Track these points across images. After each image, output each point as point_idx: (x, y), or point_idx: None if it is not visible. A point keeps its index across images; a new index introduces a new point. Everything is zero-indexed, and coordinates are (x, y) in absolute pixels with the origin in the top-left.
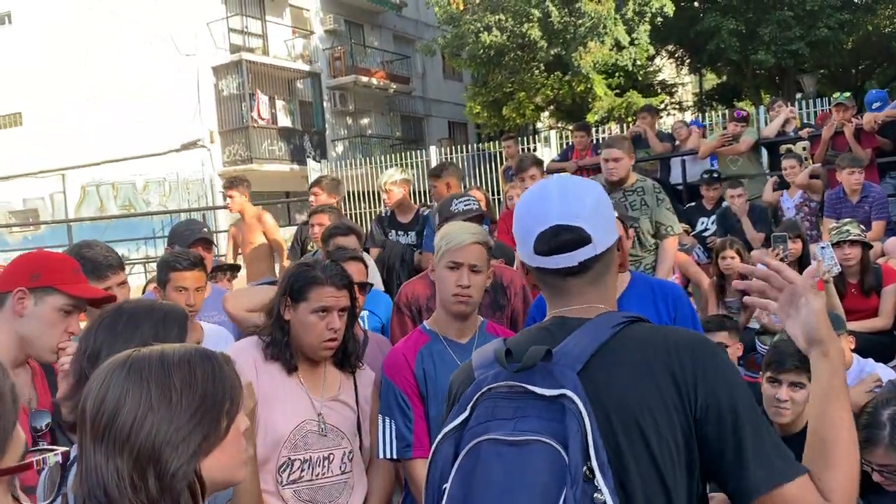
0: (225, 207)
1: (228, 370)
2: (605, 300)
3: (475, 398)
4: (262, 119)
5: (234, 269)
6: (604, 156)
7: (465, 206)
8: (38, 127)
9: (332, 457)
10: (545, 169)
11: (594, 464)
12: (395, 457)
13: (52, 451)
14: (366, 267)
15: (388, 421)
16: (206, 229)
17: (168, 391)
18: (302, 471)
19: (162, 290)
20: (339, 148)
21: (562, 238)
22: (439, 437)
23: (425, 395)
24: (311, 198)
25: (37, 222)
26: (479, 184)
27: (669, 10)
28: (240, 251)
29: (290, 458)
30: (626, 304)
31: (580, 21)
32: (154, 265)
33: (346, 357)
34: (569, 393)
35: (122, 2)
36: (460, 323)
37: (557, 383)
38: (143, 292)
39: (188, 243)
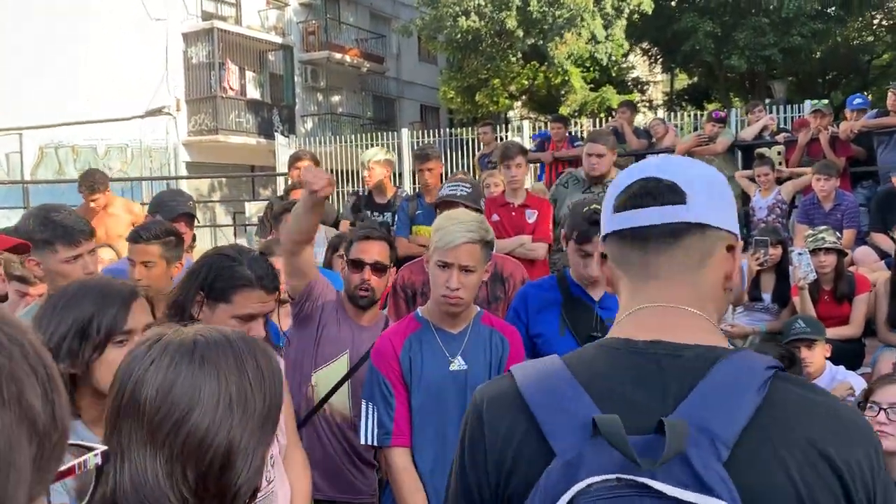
0: (189, 177)
1: (277, 364)
2: (705, 309)
3: (570, 497)
4: (232, 90)
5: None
6: (587, 150)
7: (451, 190)
8: None
9: None
10: None
11: None
12: (375, 444)
13: (91, 449)
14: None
15: (370, 407)
16: (191, 203)
17: (244, 391)
18: None
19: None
20: (309, 124)
21: (647, 186)
22: None
23: (409, 384)
24: (295, 172)
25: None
26: (451, 171)
27: (648, 7)
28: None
29: None
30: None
31: (559, 12)
32: None
33: None
34: None
35: None
36: (452, 316)
37: (700, 482)
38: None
39: (171, 216)
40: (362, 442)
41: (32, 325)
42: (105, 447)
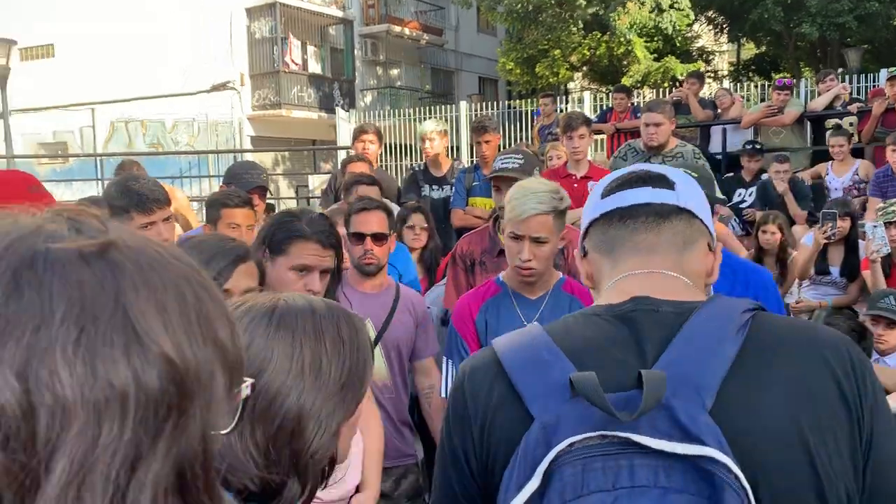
0: (253, 151)
1: (366, 333)
2: (693, 281)
3: (550, 459)
4: (294, 64)
5: None
6: (644, 120)
7: (503, 163)
8: (69, 60)
9: None
10: None
11: None
12: None
13: (244, 383)
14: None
15: (450, 364)
16: (264, 176)
17: (319, 357)
18: None
19: (213, 228)
20: (368, 98)
21: (636, 173)
22: None
23: (484, 345)
24: (360, 144)
25: (66, 155)
26: (509, 143)
27: None
28: None
29: None
30: None
31: None
32: None
33: None
34: (715, 454)
35: None
36: (528, 284)
37: (686, 432)
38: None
39: (246, 189)
40: (443, 395)
41: None
42: (253, 380)
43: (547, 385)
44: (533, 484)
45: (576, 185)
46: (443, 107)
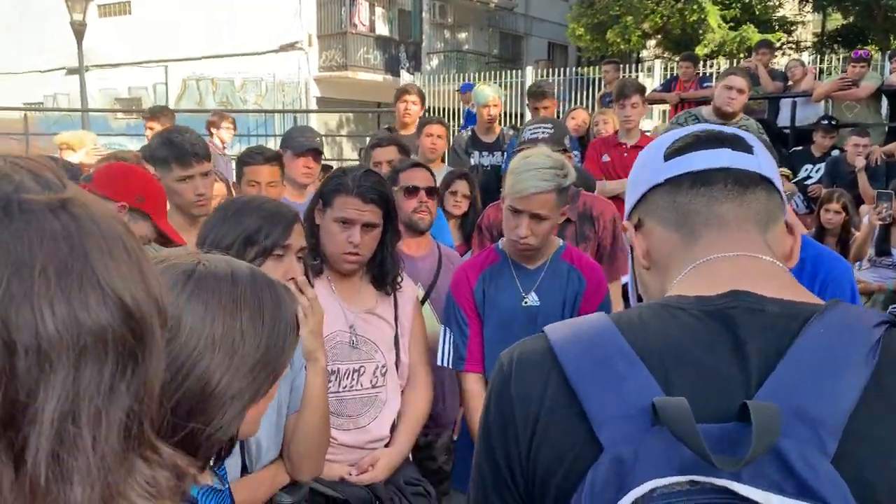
0: (318, 111)
1: (291, 308)
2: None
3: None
4: (362, 24)
5: None
6: (726, 83)
7: (532, 134)
8: (144, 17)
9: (362, 369)
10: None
11: None
12: (450, 367)
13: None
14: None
15: (447, 332)
16: (318, 139)
17: (233, 331)
18: (329, 382)
19: (239, 186)
20: (434, 62)
21: (710, 131)
22: None
23: (482, 314)
24: (402, 105)
25: (139, 110)
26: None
27: None
28: None
29: None
30: None
31: None
32: None
33: (383, 277)
34: None
35: None
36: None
37: (802, 484)
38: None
39: (300, 151)
40: (438, 363)
41: (201, 230)
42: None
43: (620, 405)
44: None
45: (626, 154)
46: (509, 72)
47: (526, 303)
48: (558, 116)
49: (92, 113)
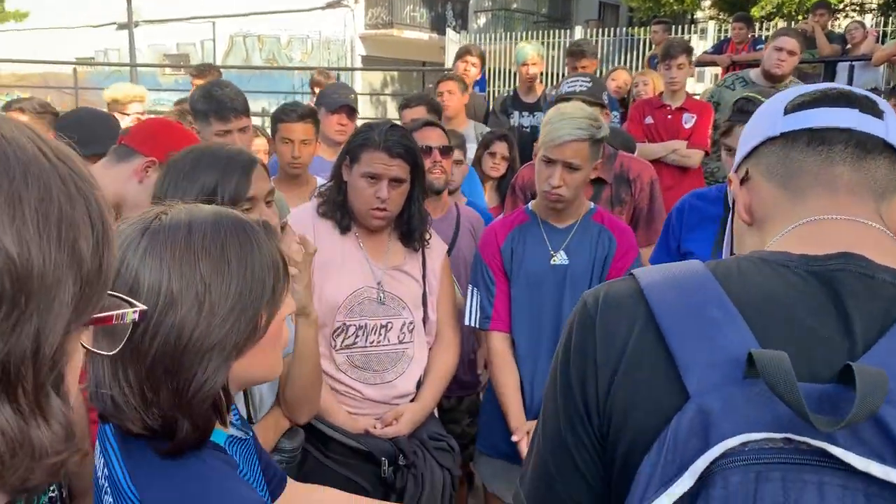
0: (363, 69)
1: (269, 248)
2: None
3: (713, 457)
4: None
5: None
6: (776, 44)
7: (569, 87)
8: None
9: (389, 325)
10: (695, 61)
11: None
12: (476, 326)
13: (133, 306)
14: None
15: (475, 291)
16: (352, 96)
17: (194, 282)
18: (356, 337)
19: (273, 142)
20: (482, 20)
21: (838, 89)
22: None
23: (509, 273)
24: (462, 65)
25: (187, 66)
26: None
27: None
28: None
29: (344, 324)
30: None
31: None
32: None
33: (411, 233)
34: None
35: None
36: (557, 212)
37: None
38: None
39: (333, 107)
40: (466, 323)
41: (153, 193)
42: (145, 307)
43: (712, 354)
44: (684, 484)
45: (670, 116)
46: (558, 31)
47: (554, 261)
48: (599, 76)
49: (141, 68)
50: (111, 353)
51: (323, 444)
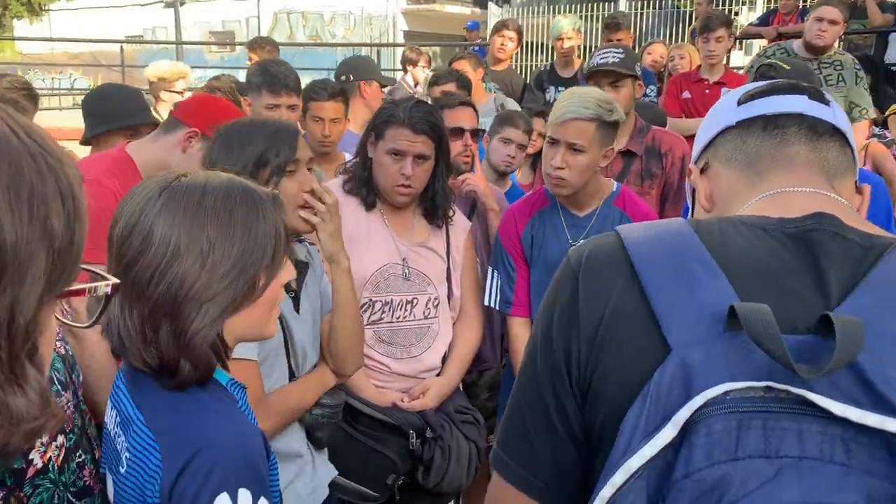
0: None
1: (273, 217)
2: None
3: (696, 406)
4: None
5: None
6: (818, 14)
7: (601, 58)
8: None
9: (415, 301)
10: (740, 33)
11: None
12: (496, 308)
13: (106, 280)
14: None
15: (495, 274)
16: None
17: (200, 239)
18: (382, 312)
19: (303, 119)
20: None
21: (787, 82)
22: (621, 476)
23: (529, 260)
24: (498, 39)
25: (233, 43)
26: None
27: None
28: None
29: (371, 300)
30: None
31: None
32: None
33: (434, 210)
34: None
35: None
36: (564, 197)
37: (880, 398)
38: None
39: (361, 78)
40: (486, 303)
41: (203, 161)
42: (117, 280)
43: (694, 309)
44: (667, 434)
45: (707, 90)
46: (602, 5)
47: None
48: (635, 50)
49: (187, 46)
50: (86, 326)
51: (352, 418)
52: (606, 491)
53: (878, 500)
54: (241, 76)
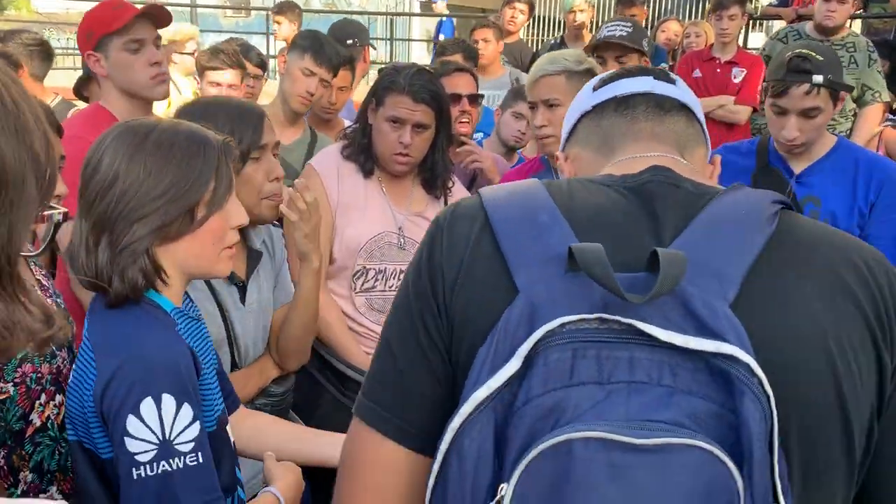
0: (421, 15)
1: (220, 160)
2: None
3: (536, 338)
4: None
5: None
6: None
7: (608, 31)
8: None
9: None
10: (758, 13)
11: (777, 485)
12: None
13: (57, 209)
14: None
15: None
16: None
17: (139, 164)
18: (375, 280)
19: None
20: None
21: (636, 67)
22: (469, 407)
23: None
24: (509, 11)
25: (248, 7)
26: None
27: None
28: None
29: (364, 267)
30: (819, 173)
31: None
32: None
33: (433, 180)
34: (737, 352)
35: None
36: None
37: (702, 324)
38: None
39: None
40: None
41: None
42: (66, 209)
43: (540, 253)
44: (511, 367)
45: (718, 69)
46: None
47: None
48: (649, 28)
49: (201, 10)
50: (36, 254)
51: (341, 384)
52: (455, 421)
53: (701, 417)
54: (255, 41)
